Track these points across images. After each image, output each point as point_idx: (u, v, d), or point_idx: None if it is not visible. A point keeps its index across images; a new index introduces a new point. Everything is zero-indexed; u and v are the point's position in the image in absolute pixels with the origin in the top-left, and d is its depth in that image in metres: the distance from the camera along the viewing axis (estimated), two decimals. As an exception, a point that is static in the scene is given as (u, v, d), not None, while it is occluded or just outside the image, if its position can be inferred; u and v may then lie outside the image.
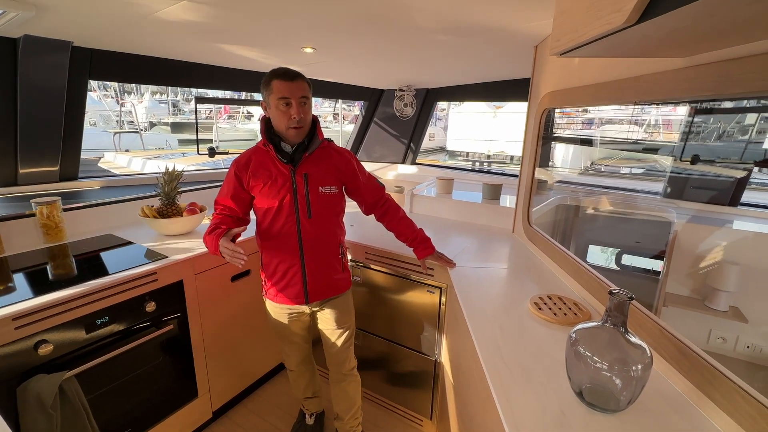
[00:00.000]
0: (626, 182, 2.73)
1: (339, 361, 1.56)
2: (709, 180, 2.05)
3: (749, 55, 0.67)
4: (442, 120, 19.37)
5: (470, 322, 1.09)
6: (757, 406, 0.65)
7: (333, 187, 1.36)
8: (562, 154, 5.34)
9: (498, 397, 0.79)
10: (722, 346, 1.79)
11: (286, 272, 1.37)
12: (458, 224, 2.13)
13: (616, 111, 2.22)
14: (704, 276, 1.75)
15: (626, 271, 2.21)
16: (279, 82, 1.21)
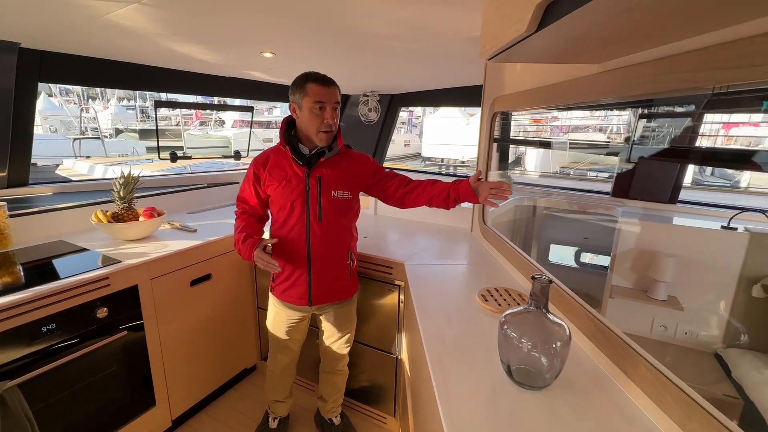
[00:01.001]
0: (585, 184, 2.87)
1: (333, 358, 1.62)
2: (650, 180, 2.20)
3: (643, 61, 0.76)
4: (418, 127, 19.63)
5: (419, 314, 1.13)
6: (657, 374, 0.72)
7: (346, 192, 1.38)
8: (533, 158, 5.56)
9: (436, 381, 0.84)
10: (664, 334, 1.91)
11: (292, 273, 1.39)
12: (422, 225, 2.19)
13: (581, 118, 2.35)
14: (645, 268, 1.88)
15: (584, 268, 2.33)
16: (316, 86, 1.23)
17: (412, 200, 1.43)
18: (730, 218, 1.80)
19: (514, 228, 2.46)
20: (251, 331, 2.11)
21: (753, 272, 1.69)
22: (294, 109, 1.30)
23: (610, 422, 0.73)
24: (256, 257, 1.28)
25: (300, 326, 1.55)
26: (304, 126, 1.30)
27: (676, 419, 0.67)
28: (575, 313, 1.00)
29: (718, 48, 0.59)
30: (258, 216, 1.45)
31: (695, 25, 0.58)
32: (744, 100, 0.83)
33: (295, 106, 1.29)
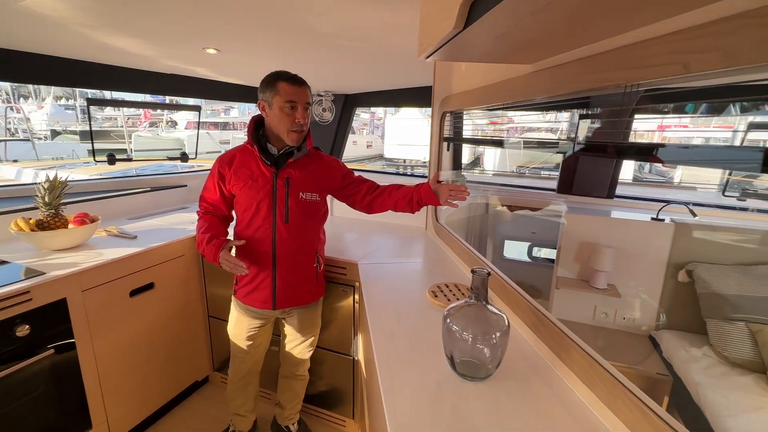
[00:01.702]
0: (538, 182, 3.00)
1: (294, 363, 1.58)
2: (589, 176, 2.35)
3: (568, 61, 0.80)
4: (380, 128, 19.72)
5: (369, 314, 1.13)
6: (588, 359, 0.76)
7: (315, 194, 1.36)
8: (491, 159, 5.73)
9: (382, 382, 0.83)
10: (605, 320, 2.04)
11: (256, 275, 1.35)
12: (379, 224, 2.19)
13: (535, 120, 2.46)
14: (587, 259, 1.99)
15: (536, 262, 2.44)
16: (288, 85, 1.21)
17: (379, 205, 1.44)
18: (658, 210, 1.95)
19: (469, 225, 2.53)
20: (202, 342, 2.01)
21: (678, 259, 1.84)
22: (263, 107, 1.28)
23: (548, 406, 0.76)
24: (222, 259, 1.25)
25: (262, 332, 1.50)
26: (274, 125, 1.27)
27: (604, 399, 0.71)
28: (518, 304, 1.04)
29: (626, 49, 0.63)
30: (222, 216, 1.42)
31: (602, 28, 0.61)
32: (669, 100, 0.91)
33: (264, 104, 1.27)
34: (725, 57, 0.47)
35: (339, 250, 1.70)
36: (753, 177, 2.54)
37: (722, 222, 2.02)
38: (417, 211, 1.40)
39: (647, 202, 2.12)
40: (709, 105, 1.23)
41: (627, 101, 0.67)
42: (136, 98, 3.10)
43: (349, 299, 1.63)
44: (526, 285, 2.43)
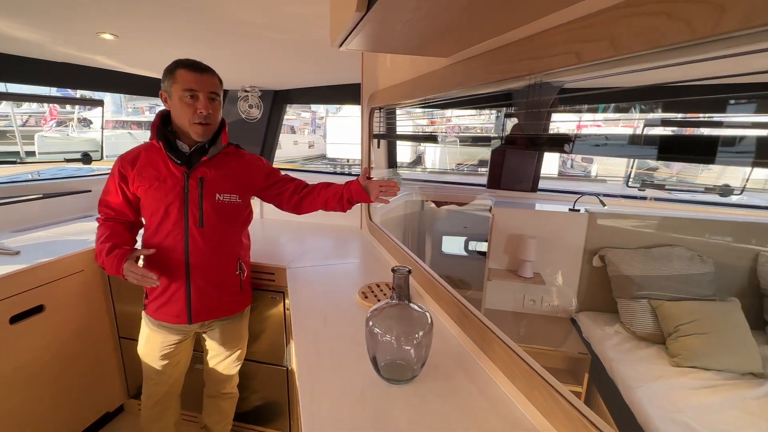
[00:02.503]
0: (474, 178, 3.08)
1: (219, 380, 1.44)
2: (515, 171, 2.46)
3: (479, 53, 0.80)
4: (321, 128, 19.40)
5: (294, 322, 1.05)
6: (507, 350, 0.76)
7: (234, 196, 1.25)
8: (431, 157, 5.85)
9: (302, 390, 0.77)
10: (533, 307, 2.15)
11: (168, 287, 1.21)
12: (312, 226, 2.11)
13: (471, 120, 2.53)
14: (515, 250, 2.08)
15: (472, 256, 2.51)
16: (186, 72, 1.11)
17: (308, 205, 1.37)
18: (574, 201, 2.11)
19: (406, 223, 2.54)
20: (113, 367, 1.77)
21: (593, 245, 1.99)
22: (165, 98, 1.17)
23: (472, 403, 0.75)
24: (126, 271, 1.12)
25: (180, 349, 1.34)
26: (176, 117, 1.16)
27: (523, 390, 0.72)
28: (444, 299, 1.03)
29: (527, 40, 0.63)
30: (128, 223, 1.26)
31: (501, 20, 0.61)
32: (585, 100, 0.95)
33: (165, 95, 1.16)
34: (611, 46, 0.48)
35: (268, 255, 1.59)
36: (653, 170, 2.86)
37: (626, 210, 2.24)
38: (348, 209, 1.35)
39: (565, 195, 2.28)
40: (616, 106, 1.35)
41: (544, 99, 0.68)
42: (29, 91, 2.65)
43: (279, 306, 1.53)
44: (463, 279, 2.50)
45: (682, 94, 0.80)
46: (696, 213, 2.32)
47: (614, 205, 2.37)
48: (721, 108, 1.01)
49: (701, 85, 0.58)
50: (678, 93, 0.81)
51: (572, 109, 1.47)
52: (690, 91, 0.66)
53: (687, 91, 0.69)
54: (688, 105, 1.06)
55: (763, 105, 0.76)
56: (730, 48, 0.40)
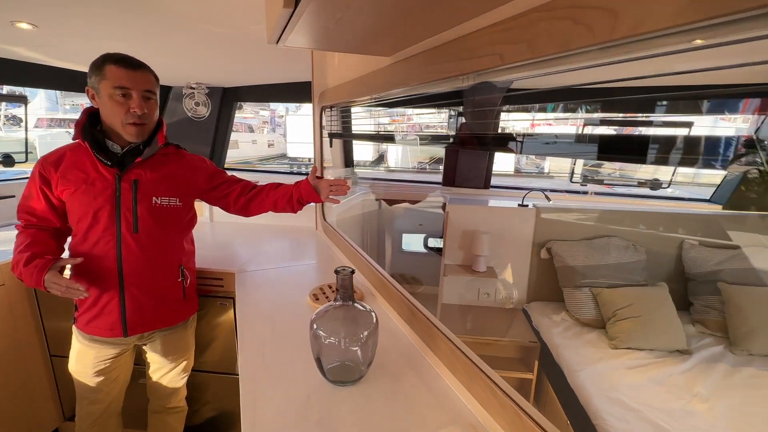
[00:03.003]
0: (435, 177, 3.12)
1: (165, 395, 1.36)
2: (468, 169, 2.53)
3: (419, 52, 0.80)
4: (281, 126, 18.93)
5: (240, 326, 1.02)
6: (450, 345, 0.78)
7: (174, 199, 1.17)
8: (394, 155, 5.84)
9: (244, 399, 0.74)
10: (488, 299, 2.22)
11: (99, 298, 1.12)
12: (266, 228, 2.04)
13: (430, 119, 2.56)
14: (469, 246, 2.14)
15: (431, 253, 2.54)
16: (117, 68, 1.03)
17: (257, 207, 1.32)
18: (523, 197, 2.20)
19: (364, 222, 2.54)
20: (44, 388, 1.62)
21: (540, 238, 2.09)
22: (92, 95, 1.08)
23: (418, 398, 0.76)
24: (48, 282, 1.02)
25: (118, 363, 1.24)
26: (106, 116, 1.08)
27: (464, 383, 0.74)
28: (395, 298, 1.04)
29: (458, 41, 0.64)
30: (52, 230, 1.15)
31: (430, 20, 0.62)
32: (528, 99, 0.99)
33: (92, 92, 1.07)
34: (529, 48, 0.50)
35: (216, 260, 1.53)
36: (598, 165, 3.04)
37: (570, 204, 2.38)
38: (299, 209, 1.32)
39: (515, 191, 2.37)
40: (565, 106, 1.42)
41: (491, 99, 0.70)
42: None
43: (230, 313, 1.47)
44: (420, 276, 2.53)
45: (615, 94, 0.86)
46: (631, 205, 2.51)
47: (559, 199, 2.51)
48: (650, 108, 1.10)
49: (633, 87, 0.62)
50: (612, 93, 0.87)
51: (520, 109, 1.54)
52: (623, 92, 0.71)
53: (621, 92, 0.74)
54: (622, 105, 1.14)
55: (688, 106, 0.83)
56: (628, 53, 0.43)
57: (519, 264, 2.09)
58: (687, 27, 0.34)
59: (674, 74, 0.48)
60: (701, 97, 0.82)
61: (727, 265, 1.86)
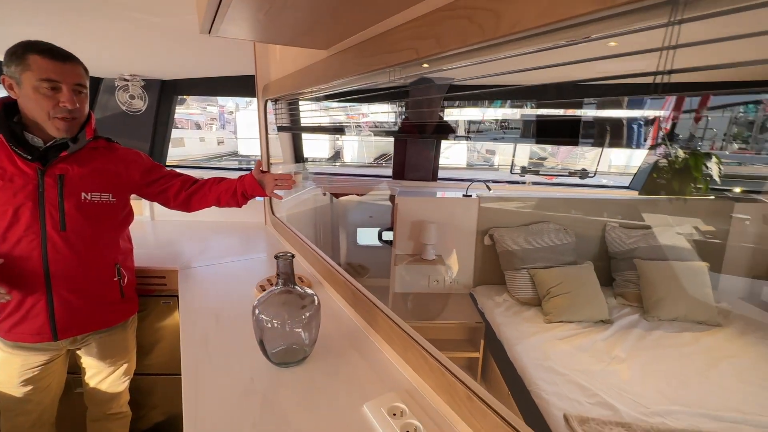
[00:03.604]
0: (385, 171, 3.17)
1: (104, 400, 1.29)
2: (417, 162, 2.62)
3: (351, 46, 0.85)
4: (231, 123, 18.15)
5: (183, 323, 1.01)
6: (389, 322, 0.84)
7: (106, 194, 1.12)
8: (350, 152, 5.83)
9: (186, 390, 0.75)
10: (438, 286, 2.33)
11: (22, 301, 1.05)
12: (213, 224, 1.99)
13: (382, 114, 2.60)
14: (418, 236, 2.23)
15: (385, 245, 2.60)
16: (43, 59, 0.96)
17: (198, 202, 1.29)
18: (467, 188, 2.33)
19: (316, 216, 2.55)
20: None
21: (483, 226, 2.23)
22: (10, 85, 1.00)
23: (359, 372, 0.81)
24: None
25: (49, 371, 1.16)
26: (29, 109, 1.00)
27: (401, 353, 0.80)
28: (340, 284, 1.08)
29: (381, 36, 0.69)
30: None
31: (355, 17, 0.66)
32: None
33: (11, 82, 0.99)
34: (437, 43, 0.56)
35: (158, 258, 1.48)
36: (543, 159, 3.25)
37: (509, 194, 2.55)
38: (243, 203, 1.31)
39: (460, 182, 2.50)
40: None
41: (434, 93, 0.75)
42: None
43: (175, 312, 1.43)
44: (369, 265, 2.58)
45: (548, 90, 0.95)
46: (562, 193, 2.73)
47: (500, 189, 2.67)
48: (579, 104, 1.22)
49: (564, 83, 0.70)
50: (545, 90, 0.96)
51: (469, 104, 1.64)
52: (553, 89, 0.80)
53: (551, 89, 0.82)
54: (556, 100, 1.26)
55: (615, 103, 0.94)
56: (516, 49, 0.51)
57: (465, 251, 2.22)
58: (548, 27, 0.41)
59: (559, 65, 0.56)
60: (624, 94, 0.95)
61: (641, 244, 2.10)
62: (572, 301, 1.83)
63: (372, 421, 0.67)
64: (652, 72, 0.34)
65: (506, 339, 1.71)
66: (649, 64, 0.36)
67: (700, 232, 2.10)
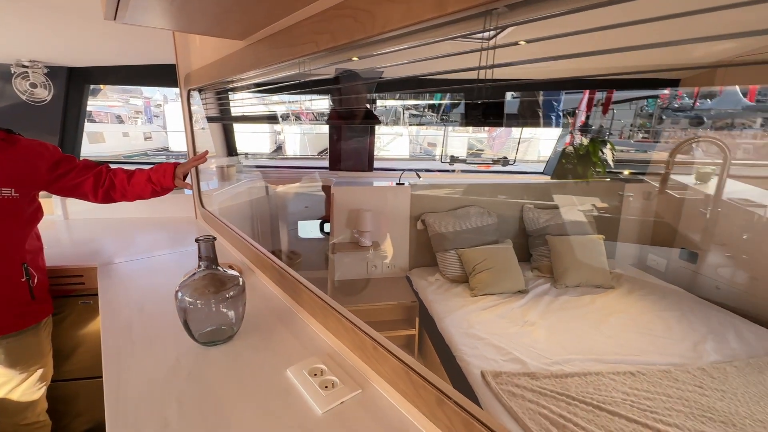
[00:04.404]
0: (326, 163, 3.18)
1: (17, 410, 1.20)
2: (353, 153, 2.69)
3: (265, 37, 0.89)
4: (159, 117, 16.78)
5: (103, 316, 0.99)
6: (315, 298, 0.90)
7: (8, 189, 1.05)
8: (292, 145, 5.71)
9: (107, 377, 0.76)
10: (376, 271, 2.43)
11: None
12: (138, 221, 1.90)
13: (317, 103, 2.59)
14: (355, 223, 2.31)
15: (326, 236, 2.64)
16: None
17: (119, 194, 1.23)
18: (399, 176, 2.45)
19: (252, 209, 2.52)
20: None
21: (416, 212, 2.37)
22: None
23: (285, 344, 0.86)
24: None
25: None
26: None
27: (322, 322, 0.87)
28: (268, 267, 1.12)
29: (288, 30, 0.75)
30: None
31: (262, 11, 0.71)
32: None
33: None
34: (332, 38, 0.63)
35: (74, 256, 1.39)
36: (480, 150, 3.46)
37: (438, 181, 2.72)
38: (163, 193, 1.26)
39: (395, 171, 2.62)
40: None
41: (361, 85, 0.81)
42: None
43: (96, 312, 1.37)
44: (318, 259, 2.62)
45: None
46: (486, 179, 2.98)
47: (430, 177, 2.84)
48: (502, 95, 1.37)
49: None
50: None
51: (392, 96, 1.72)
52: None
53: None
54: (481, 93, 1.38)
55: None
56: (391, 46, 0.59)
57: (400, 236, 2.34)
58: (409, 29, 0.50)
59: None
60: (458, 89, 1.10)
61: (551, 222, 2.37)
62: (494, 276, 2.03)
63: (294, 382, 0.73)
64: (475, 67, 0.44)
65: (437, 314, 1.86)
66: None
67: (598, 209, 2.43)
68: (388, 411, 0.66)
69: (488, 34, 0.44)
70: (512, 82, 0.46)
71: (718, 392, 1.30)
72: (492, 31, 0.43)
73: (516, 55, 0.46)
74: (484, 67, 0.44)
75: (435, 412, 0.57)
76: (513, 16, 0.43)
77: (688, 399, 1.26)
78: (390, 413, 0.66)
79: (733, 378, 1.37)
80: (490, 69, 0.45)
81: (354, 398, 0.69)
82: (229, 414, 0.65)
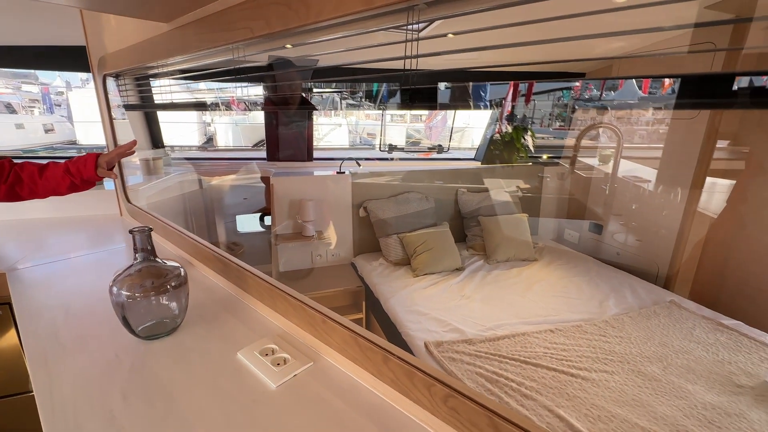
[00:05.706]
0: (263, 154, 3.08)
1: None
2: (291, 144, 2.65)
3: (192, 21, 0.86)
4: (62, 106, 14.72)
5: (21, 322, 0.90)
6: (261, 282, 0.91)
7: None
8: (223, 137, 5.38)
9: (35, 378, 0.71)
10: (321, 260, 2.45)
11: None
12: (53, 221, 1.71)
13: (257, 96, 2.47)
14: (297, 214, 2.30)
15: (268, 230, 2.57)
16: None
17: (27, 190, 1.09)
18: (340, 165, 2.47)
19: (186, 204, 2.38)
20: None
21: (358, 200, 2.42)
22: None
23: (234, 331, 0.87)
24: None
25: None
26: None
27: (269, 304, 0.89)
28: (208, 257, 1.10)
29: (218, 14, 0.74)
30: None
31: None
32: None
33: None
34: (267, 25, 0.65)
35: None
36: (418, 141, 3.57)
37: (378, 169, 2.80)
38: (84, 188, 1.15)
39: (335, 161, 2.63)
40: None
41: (295, 73, 0.81)
42: None
43: (9, 322, 1.23)
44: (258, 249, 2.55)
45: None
46: (423, 166, 3.11)
47: (370, 166, 2.90)
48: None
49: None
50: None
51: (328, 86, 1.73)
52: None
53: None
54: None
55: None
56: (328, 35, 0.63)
57: (343, 224, 2.38)
58: (341, 20, 0.54)
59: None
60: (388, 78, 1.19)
61: (483, 204, 2.57)
62: (434, 257, 2.17)
63: (246, 363, 0.75)
64: (401, 57, 0.49)
65: (382, 295, 1.94)
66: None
67: (522, 190, 2.68)
68: (339, 377, 0.71)
69: (418, 26, 0.49)
70: (435, 71, 0.53)
71: (617, 338, 1.55)
72: (419, 24, 0.49)
73: (447, 47, 0.52)
74: (410, 57, 0.50)
75: (381, 370, 0.63)
76: (432, 11, 0.49)
77: (594, 347, 1.49)
78: (341, 378, 0.71)
79: (629, 326, 1.64)
80: (416, 59, 0.51)
81: (306, 370, 0.73)
82: (179, 398, 0.66)
